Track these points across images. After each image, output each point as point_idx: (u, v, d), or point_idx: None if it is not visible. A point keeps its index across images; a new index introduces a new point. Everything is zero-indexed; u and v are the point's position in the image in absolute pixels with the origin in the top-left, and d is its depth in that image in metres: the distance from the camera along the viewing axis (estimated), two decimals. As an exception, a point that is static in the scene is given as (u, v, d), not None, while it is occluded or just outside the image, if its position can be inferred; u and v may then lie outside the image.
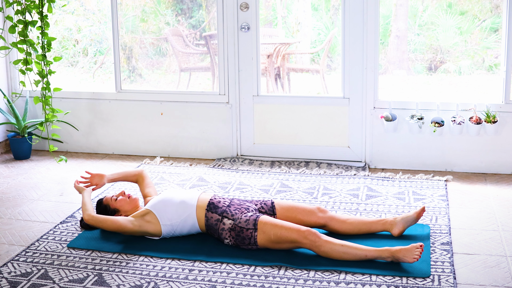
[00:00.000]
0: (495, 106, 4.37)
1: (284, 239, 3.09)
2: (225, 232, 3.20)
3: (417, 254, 2.95)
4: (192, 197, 3.31)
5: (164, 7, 6.31)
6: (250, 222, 3.15)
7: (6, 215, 3.78)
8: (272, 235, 3.10)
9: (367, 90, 4.55)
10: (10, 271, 3.01)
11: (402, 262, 2.98)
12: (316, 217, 3.33)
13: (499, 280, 2.87)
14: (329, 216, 3.34)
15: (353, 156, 4.68)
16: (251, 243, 3.14)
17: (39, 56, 4.54)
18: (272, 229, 3.11)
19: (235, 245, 3.20)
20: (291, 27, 7.04)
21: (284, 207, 3.36)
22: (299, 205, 3.38)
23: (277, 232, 3.10)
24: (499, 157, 4.43)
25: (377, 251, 3.01)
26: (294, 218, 3.33)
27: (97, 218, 3.28)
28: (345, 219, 3.34)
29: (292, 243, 3.09)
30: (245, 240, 3.15)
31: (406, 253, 2.96)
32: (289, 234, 3.07)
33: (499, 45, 6.16)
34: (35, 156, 5.06)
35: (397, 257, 2.97)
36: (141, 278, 2.93)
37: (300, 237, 3.05)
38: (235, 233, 3.17)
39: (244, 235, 3.14)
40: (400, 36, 6.95)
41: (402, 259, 2.96)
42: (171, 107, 4.95)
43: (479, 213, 3.70)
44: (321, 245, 3.02)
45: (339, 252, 3.01)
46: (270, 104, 4.78)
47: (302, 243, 3.06)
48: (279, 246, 3.14)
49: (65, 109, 5.08)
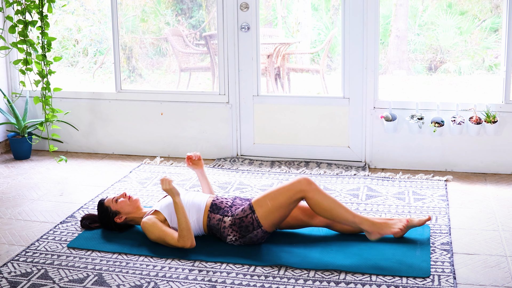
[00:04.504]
0: (495, 106, 4.37)
1: (281, 200, 3.12)
2: (227, 230, 3.20)
3: (399, 228, 3.11)
4: (201, 201, 3.31)
5: (164, 7, 6.32)
6: (246, 208, 3.18)
7: (6, 215, 3.78)
8: (269, 203, 3.12)
9: (367, 90, 4.55)
10: (10, 271, 3.01)
11: (383, 234, 3.16)
12: (318, 219, 3.34)
13: (499, 280, 2.87)
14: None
15: (353, 156, 4.68)
16: (255, 227, 3.15)
17: (39, 56, 4.54)
18: (266, 199, 3.14)
19: (241, 241, 3.20)
20: (291, 27, 7.05)
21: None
22: (301, 206, 3.37)
23: (271, 197, 3.13)
24: (499, 157, 4.43)
25: (361, 217, 3.15)
26: (296, 218, 3.34)
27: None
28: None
29: (292, 200, 3.12)
30: (249, 227, 3.15)
31: (387, 226, 3.17)
32: (284, 192, 3.12)
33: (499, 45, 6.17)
34: (35, 156, 5.06)
35: (376, 229, 3.16)
36: (141, 278, 2.93)
37: (296, 189, 3.11)
38: (236, 226, 3.18)
39: (246, 222, 3.15)
40: (400, 36, 6.96)
41: (382, 231, 3.15)
42: (171, 107, 4.95)
43: (479, 213, 3.70)
44: (316, 190, 3.12)
45: (329, 204, 3.12)
46: (270, 104, 4.78)
47: (300, 193, 3.11)
48: (282, 214, 3.15)
49: (65, 109, 5.08)
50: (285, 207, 3.14)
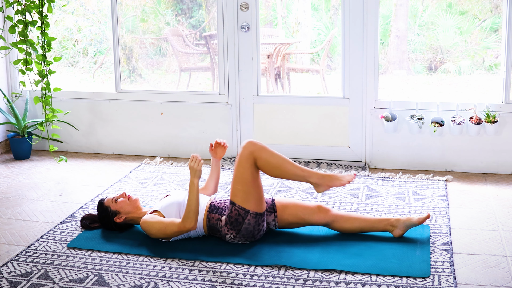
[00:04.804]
0: (495, 106, 4.37)
1: (244, 175, 3.15)
2: (224, 228, 3.21)
3: (347, 180, 3.21)
4: (201, 203, 3.31)
5: (164, 7, 6.32)
6: (229, 206, 3.22)
7: (6, 215, 3.78)
8: (238, 187, 3.15)
9: (367, 90, 4.55)
10: (10, 271, 3.01)
11: (332, 186, 3.23)
12: (317, 216, 3.33)
13: (499, 280, 2.87)
14: (331, 216, 3.33)
15: (353, 156, 4.68)
16: (243, 216, 3.15)
17: (39, 56, 4.54)
18: (235, 186, 3.17)
19: (239, 236, 3.20)
20: (291, 27, 7.05)
21: (284, 204, 3.36)
22: (300, 203, 3.37)
23: (236, 180, 3.16)
24: (499, 157, 4.43)
25: (310, 171, 3.21)
26: (295, 215, 3.33)
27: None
28: (347, 219, 3.33)
29: (249, 168, 3.16)
30: (238, 219, 3.16)
31: (336, 179, 3.24)
32: (240, 166, 3.17)
33: (499, 45, 6.17)
34: (35, 156, 5.06)
35: (326, 182, 3.22)
36: (141, 278, 2.93)
37: (245, 155, 3.16)
38: (230, 223, 3.18)
39: (234, 216, 3.17)
40: (400, 36, 6.96)
41: (331, 184, 3.22)
42: (171, 107, 4.95)
43: (479, 213, 3.70)
44: (263, 149, 3.17)
45: (278, 161, 3.18)
46: (270, 104, 4.78)
47: (250, 157, 3.16)
48: (256, 187, 3.17)
49: (65, 109, 5.08)
50: (252, 178, 3.17)
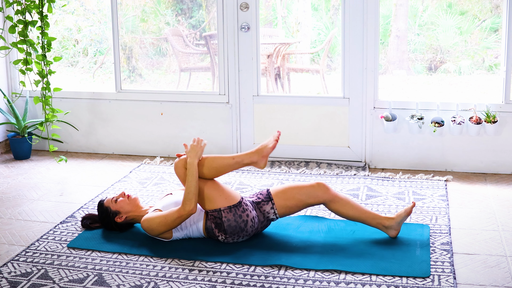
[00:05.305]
0: (495, 106, 4.37)
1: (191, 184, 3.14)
2: (215, 231, 3.21)
3: (274, 139, 3.23)
4: None
5: (164, 7, 6.32)
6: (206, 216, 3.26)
7: (6, 215, 3.78)
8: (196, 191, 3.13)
9: (367, 90, 4.55)
10: (10, 271, 3.01)
11: (266, 155, 3.24)
12: (316, 194, 3.25)
13: (499, 280, 2.87)
14: (331, 195, 3.27)
15: (353, 156, 4.68)
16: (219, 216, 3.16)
17: (39, 56, 4.54)
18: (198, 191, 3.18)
19: (229, 237, 3.20)
20: (291, 27, 7.05)
21: (280, 190, 3.31)
22: (296, 185, 3.31)
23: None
24: (499, 157, 4.43)
25: (240, 155, 3.25)
26: (293, 198, 3.27)
27: None
28: (345, 203, 3.28)
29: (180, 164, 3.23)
30: (217, 220, 3.17)
31: (263, 147, 3.25)
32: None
33: (499, 45, 6.17)
34: (35, 156, 5.06)
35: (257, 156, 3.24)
36: (141, 278, 2.93)
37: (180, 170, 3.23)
38: (216, 228, 3.20)
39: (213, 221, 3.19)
40: (400, 36, 6.96)
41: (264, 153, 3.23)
42: (171, 107, 4.95)
43: (479, 213, 3.70)
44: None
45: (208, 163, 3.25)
46: (270, 104, 4.78)
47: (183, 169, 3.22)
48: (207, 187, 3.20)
49: (65, 109, 5.08)
50: (203, 183, 3.20)
